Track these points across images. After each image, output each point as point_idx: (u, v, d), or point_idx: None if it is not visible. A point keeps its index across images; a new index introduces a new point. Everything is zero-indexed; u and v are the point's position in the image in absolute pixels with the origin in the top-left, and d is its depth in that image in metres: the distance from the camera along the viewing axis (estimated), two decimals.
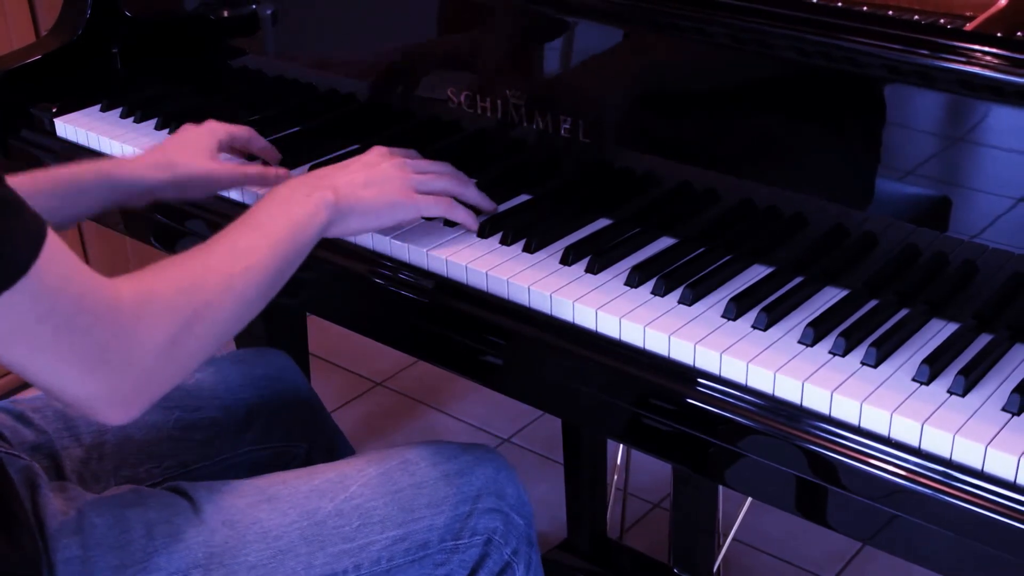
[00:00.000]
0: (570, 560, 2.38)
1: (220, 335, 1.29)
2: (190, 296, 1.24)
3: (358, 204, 1.50)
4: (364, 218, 1.52)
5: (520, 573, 1.56)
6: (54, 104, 2.08)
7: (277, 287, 1.38)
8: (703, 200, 1.57)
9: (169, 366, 1.22)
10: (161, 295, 1.22)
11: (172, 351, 1.21)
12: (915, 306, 1.41)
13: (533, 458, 2.91)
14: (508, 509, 1.54)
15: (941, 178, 1.38)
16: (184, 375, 1.26)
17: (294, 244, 1.40)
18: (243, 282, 1.31)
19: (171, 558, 1.36)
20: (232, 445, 1.70)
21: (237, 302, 1.31)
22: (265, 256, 1.35)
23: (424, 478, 1.51)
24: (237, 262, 1.32)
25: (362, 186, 1.51)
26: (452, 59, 1.74)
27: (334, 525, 1.44)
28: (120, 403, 1.19)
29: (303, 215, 1.42)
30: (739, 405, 1.34)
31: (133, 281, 1.21)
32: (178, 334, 1.21)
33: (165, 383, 1.23)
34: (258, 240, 1.36)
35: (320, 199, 1.45)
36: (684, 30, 1.49)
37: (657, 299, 1.46)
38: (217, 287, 1.28)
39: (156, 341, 1.19)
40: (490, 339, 1.54)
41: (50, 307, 1.09)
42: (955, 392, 1.28)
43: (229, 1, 2.01)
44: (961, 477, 1.21)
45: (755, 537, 2.64)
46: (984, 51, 1.29)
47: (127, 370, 1.17)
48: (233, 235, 1.36)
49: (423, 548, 1.48)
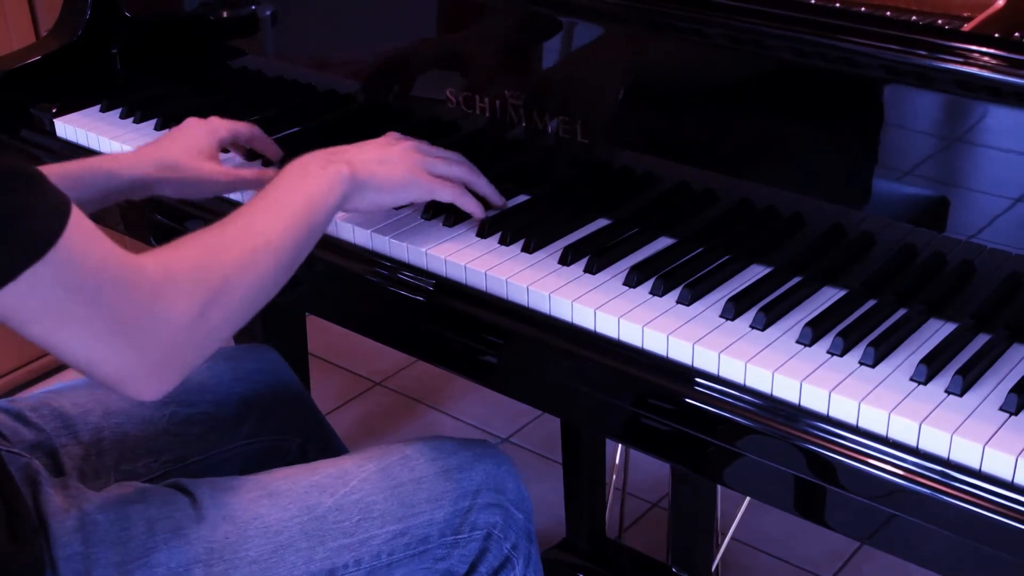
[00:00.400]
0: (569, 559, 2.38)
1: (244, 309, 1.31)
2: (212, 270, 1.26)
3: (372, 179, 1.51)
4: (379, 193, 1.53)
5: (519, 568, 1.56)
6: (54, 104, 2.08)
7: (298, 261, 1.39)
8: (701, 200, 1.57)
9: (195, 339, 1.23)
10: (184, 269, 1.23)
11: (198, 324, 1.23)
12: (913, 306, 1.41)
13: (532, 458, 2.91)
14: (508, 504, 1.54)
15: (939, 178, 1.38)
16: (211, 348, 1.27)
17: (313, 217, 1.41)
18: (264, 257, 1.32)
19: (172, 554, 1.36)
20: (227, 439, 1.71)
21: (259, 276, 1.31)
22: (283, 231, 1.36)
23: (424, 473, 1.51)
24: (257, 237, 1.33)
25: (377, 162, 1.53)
26: (451, 59, 1.74)
27: (334, 520, 1.44)
28: (150, 376, 1.20)
29: (320, 189, 1.43)
30: (737, 405, 1.34)
31: (156, 255, 1.22)
32: (203, 307, 1.23)
33: (193, 356, 1.25)
34: (276, 215, 1.37)
35: (335, 172, 1.46)
36: (682, 30, 1.49)
37: (655, 299, 1.46)
38: (239, 261, 1.29)
39: (181, 314, 1.20)
40: (489, 339, 1.54)
41: (76, 280, 1.10)
42: (953, 392, 1.28)
43: (229, 2, 2.01)
44: (959, 477, 1.21)
45: (754, 536, 2.64)
46: (982, 52, 1.29)
47: (154, 342, 1.19)
48: (252, 211, 1.37)
49: (423, 543, 1.48)
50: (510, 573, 1.56)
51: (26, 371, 3.10)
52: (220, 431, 1.71)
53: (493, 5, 1.67)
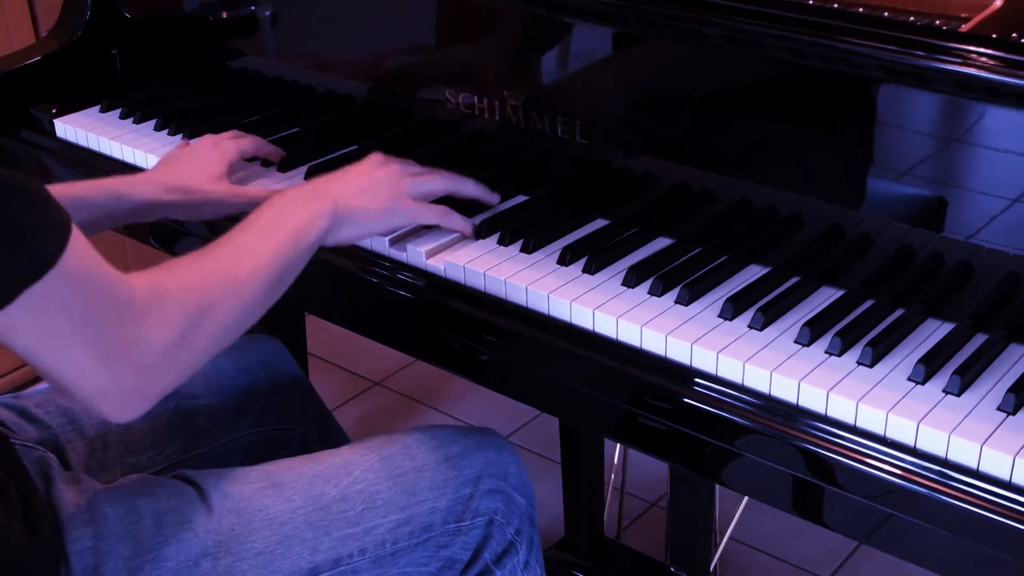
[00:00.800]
0: (568, 559, 2.38)
1: (225, 335, 1.31)
2: (198, 294, 1.26)
3: (355, 212, 1.51)
4: (360, 226, 1.53)
5: (523, 553, 1.58)
6: (54, 105, 2.08)
7: (280, 290, 1.39)
8: (700, 201, 1.57)
9: (174, 363, 1.24)
10: (171, 292, 1.23)
11: (179, 348, 1.23)
12: (911, 306, 1.41)
13: (531, 457, 2.91)
14: (510, 489, 1.56)
15: (937, 179, 1.38)
16: (188, 373, 1.27)
17: (296, 249, 1.41)
18: (249, 283, 1.33)
19: (180, 548, 1.37)
20: (230, 430, 1.72)
21: (243, 302, 1.32)
22: (269, 258, 1.36)
23: (426, 462, 1.53)
24: (243, 263, 1.34)
25: (358, 194, 1.52)
26: (450, 60, 1.74)
27: (339, 510, 1.46)
28: (125, 398, 1.20)
29: (303, 221, 1.43)
30: (736, 405, 1.34)
31: (145, 277, 1.23)
32: (186, 331, 1.23)
33: (169, 379, 1.25)
34: (262, 243, 1.38)
35: (318, 208, 1.46)
36: (681, 32, 1.49)
37: (654, 299, 1.46)
38: (224, 287, 1.30)
39: (164, 337, 1.21)
40: (488, 339, 1.54)
41: (68, 299, 1.11)
42: (951, 391, 1.28)
43: (228, 2, 2.01)
44: (957, 476, 1.21)
45: (752, 536, 2.64)
46: (979, 52, 1.29)
47: (134, 364, 1.19)
48: (238, 238, 1.38)
49: (426, 531, 1.49)
50: (514, 558, 1.57)
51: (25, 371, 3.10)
52: (223, 422, 1.72)
53: (492, 6, 1.67)
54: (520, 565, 1.57)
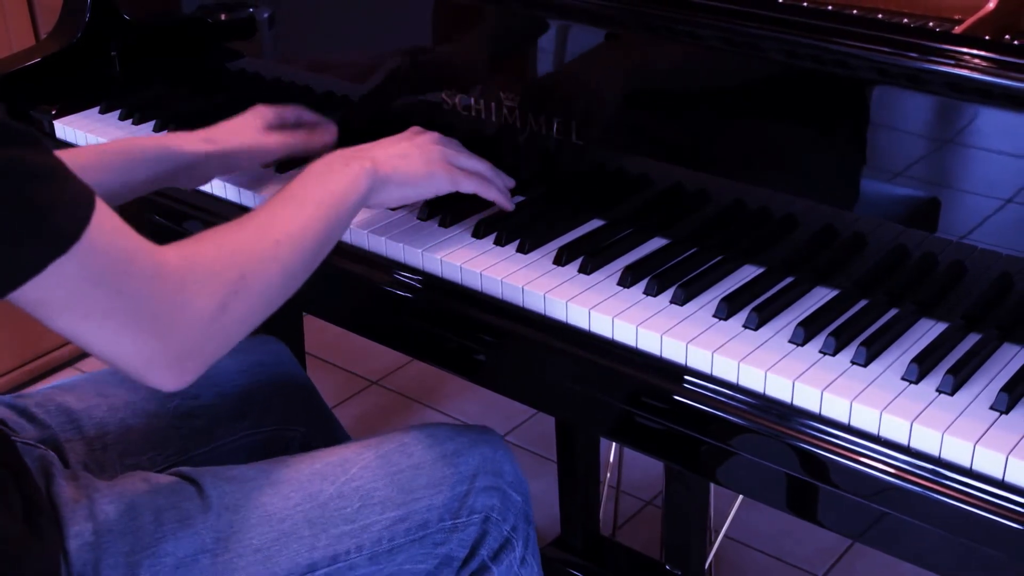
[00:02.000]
0: (563, 557, 2.37)
1: (266, 303, 1.32)
2: (234, 263, 1.27)
3: (395, 173, 1.53)
4: (402, 188, 1.54)
5: (519, 549, 1.58)
6: (53, 106, 2.08)
7: (320, 257, 1.41)
8: (695, 201, 1.57)
9: (217, 331, 1.24)
10: (205, 261, 1.24)
11: (220, 316, 1.24)
12: (904, 306, 1.41)
13: (527, 456, 2.91)
14: (506, 486, 1.56)
15: (930, 179, 1.38)
16: (233, 340, 1.28)
17: (335, 213, 1.42)
18: (287, 250, 1.34)
19: (179, 544, 1.37)
20: (230, 430, 1.72)
21: (280, 270, 1.32)
22: (306, 225, 1.37)
23: (422, 459, 1.53)
24: (279, 231, 1.34)
25: (399, 156, 1.54)
26: (447, 62, 1.74)
27: (336, 507, 1.46)
28: (172, 366, 1.21)
29: (342, 185, 1.45)
30: (730, 404, 1.34)
31: (180, 248, 1.23)
32: (225, 299, 1.24)
33: (215, 348, 1.26)
34: (298, 210, 1.39)
35: (359, 168, 1.48)
36: (675, 33, 1.49)
37: (649, 299, 1.46)
38: (260, 255, 1.30)
39: (204, 306, 1.22)
40: (484, 338, 1.54)
41: (101, 272, 1.12)
42: (944, 391, 1.28)
43: (226, 4, 2.01)
44: (950, 475, 1.21)
45: (746, 534, 2.64)
46: (973, 54, 1.29)
47: (178, 333, 1.20)
48: (274, 206, 1.39)
49: (423, 528, 1.49)
50: (510, 554, 1.57)
51: (25, 370, 3.10)
52: (223, 423, 1.71)
53: (488, 8, 1.67)
54: (516, 561, 1.57)
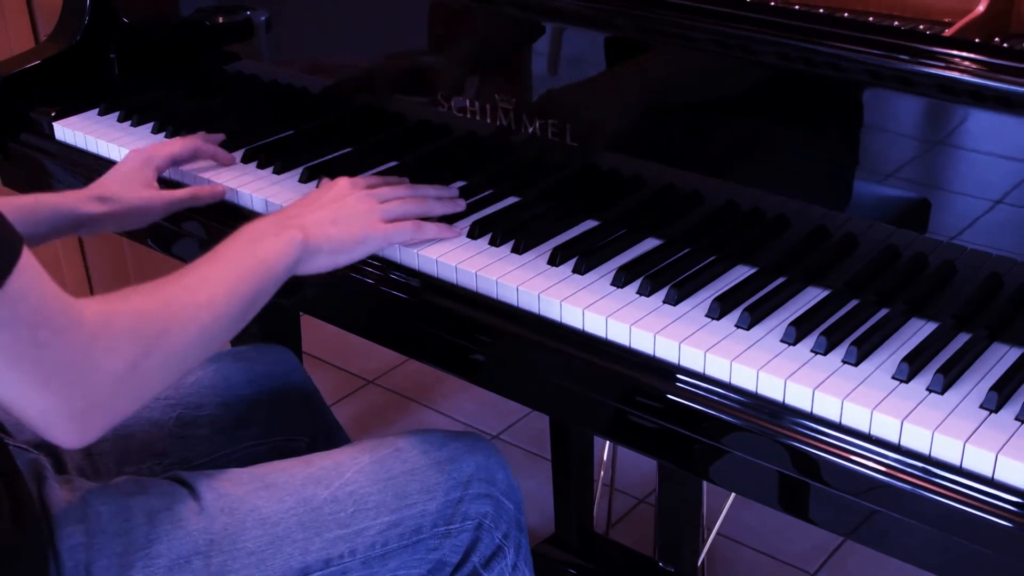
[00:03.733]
0: (558, 554, 2.37)
1: (179, 365, 1.28)
2: (151, 323, 1.23)
3: (327, 242, 1.49)
4: (333, 255, 1.51)
5: (511, 556, 1.57)
6: (53, 108, 2.08)
7: (242, 322, 1.37)
8: (688, 202, 1.57)
9: (126, 391, 1.20)
10: (122, 319, 1.20)
11: (129, 376, 1.19)
12: (895, 305, 1.41)
13: (522, 455, 2.91)
14: (498, 494, 1.55)
15: (920, 180, 1.38)
16: (141, 402, 1.24)
17: (261, 281, 1.39)
18: (207, 314, 1.30)
19: (172, 545, 1.36)
20: (232, 440, 1.71)
21: (198, 332, 1.29)
22: (230, 291, 1.34)
23: (416, 465, 1.52)
24: (202, 294, 1.31)
25: (330, 223, 1.51)
26: (442, 64, 1.74)
27: (330, 511, 1.45)
28: (74, 423, 1.17)
29: (271, 253, 1.42)
30: (723, 402, 1.33)
31: (97, 303, 1.19)
32: (136, 359, 1.20)
33: (123, 406, 1.21)
34: (225, 275, 1.36)
35: (290, 238, 1.45)
36: (668, 36, 1.49)
37: (643, 299, 1.46)
38: (179, 317, 1.27)
39: (114, 364, 1.18)
40: (479, 338, 1.53)
41: (14, 318, 1.08)
42: (934, 390, 1.28)
43: (224, 7, 2.00)
44: (940, 473, 1.21)
45: (739, 531, 2.64)
46: (962, 56, 1.28)
47: (82, 389, 1.15)
48: (201, 269, 1.35)
49: (416, 533, 1.49)
50: (502, 562, 1.56)
51: None
52: (225, 433, 1.71)
53: (483, 11, 1.67)
54: (508, 568, 1.57)
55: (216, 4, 2.03)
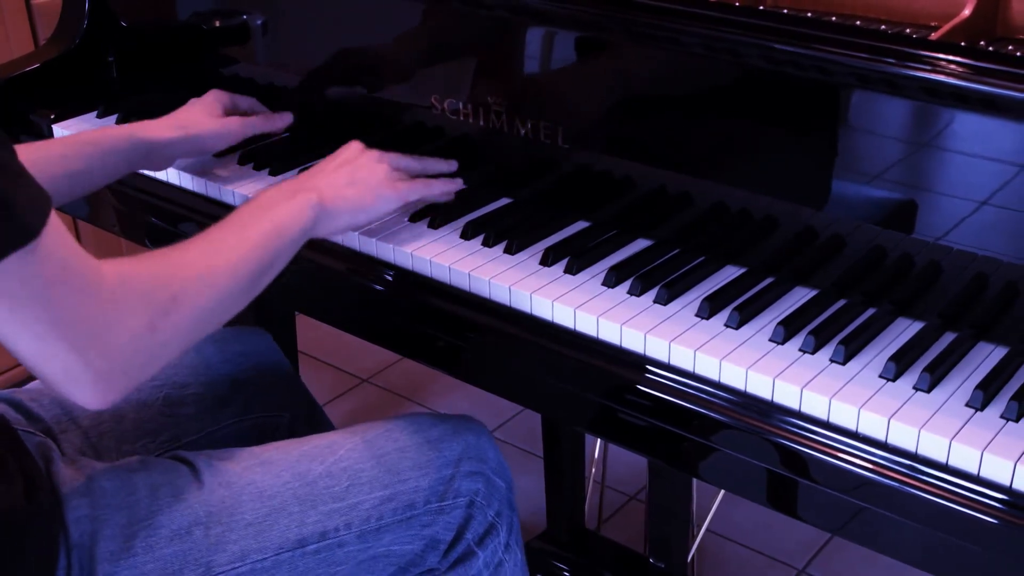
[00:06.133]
0: (550, 550, 2.37)
1: (198, 326, 1.29)
2: (168, 285, 1.24)
3: (343, 203, 1.52)
4: (351, 215, 1.54)
5: (503, 535, 1.59)
6: (52, 111, 2.07)
7: (260, 285, 1.39)
8: (678, 203, 1.56)
9: (144, 350, 1.21)
10: (140, 280, 1.22)
11: (148, 337, 1.21)
12: (882, 305, 1.41)
13: (514, 452, 2.91)
14: (490, 472, 1.57)
15: (907, 182, 1.38)
16: (161, 362, 1.25)
17: (277, 243, 1.41)
18: (223, 278, 1.32)
19: (173, 516, 1.39)
20: (218, 417, 1.73)
21: (215, 296, 1.30)
22: (246, 254, 1.36)
23: (407, 444, 1.54)
24: (218, 257, 1.33)
25: (345, 185, 1.54)
26: (436, 68, 1.74)
27: (325, 485, 1.47)
28: (95, 383, 1.18)
29: (287, 216, 1.44)
30: (712, 401, 1.33)
31: (117, 264, 1.21)
32: (154, 320, 1.21)
33: (140, 368, 1.22)
34: (240, 238, 1.38)
35: (305, 200, 1.47)
36: (658, 39, 1.49)
37: (633, 299, 1.46)
38: (196, 280, 1.28)
39: (132, 324, 1.19)
40: (472, 337, 1.53)
41: (37, 276, 1.09)
42: (920, 388, 1.28)
43: (220, 11, 2.00)
44: (926, 470, 1.21)
45: (728, 528, 2.64)
46: (949, 60, 1.28)
47: (102, 349, 1.16)
48: (217, 232, 1.38)
49: (410, 508, 1.50)
50: (495, 539, 1.58)
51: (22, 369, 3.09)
52: (211, 410, 1.73)
53: (477, 15, 1.67)
54: (501, 546, 1.58)
55: (213, 8, 2.03)
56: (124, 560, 1.35)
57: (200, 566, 1.38)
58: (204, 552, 1.38)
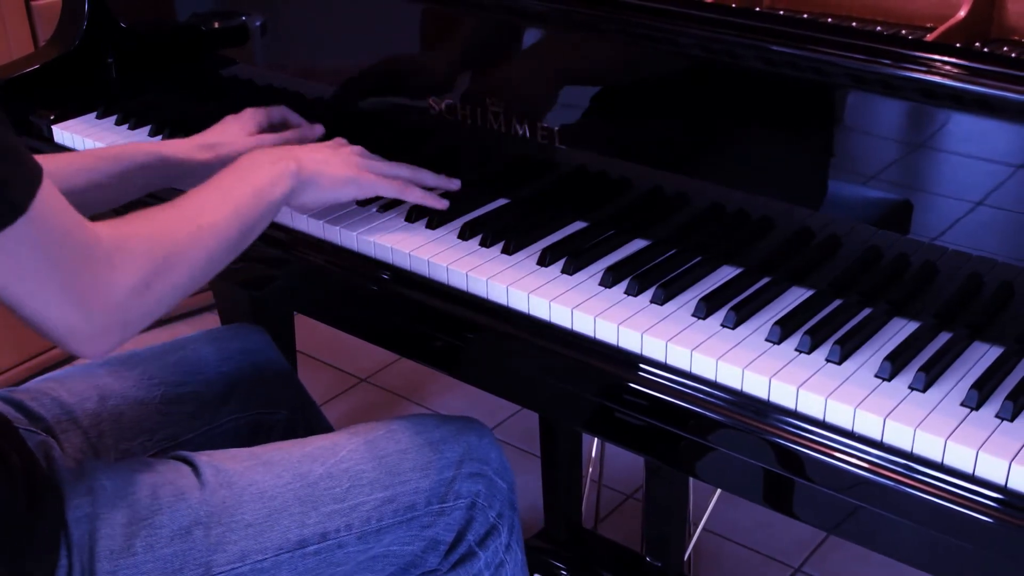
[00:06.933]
0: (547, 548, 2.37)
1: (187, 284, 1.34)
2: (161, 243, 1.30)
3: (319, 177, 1.56)
4: (323, 191, 1.57)
5: (504, 535, 1.59)
6: (52, 111, 2.07)
7: (242, 245, 1.44)
8: (674, 204, 1.56)
9: (139, 306, 1.27)
10: (135, 242, 1.27)
11: (143, 292, 1.26)
12: (878, 305, 1.41)
13: (512, 451, 2.91)
14: (491, 473, 1.56)
15: (903, 183, 1.38)
16: (153, 316, 1.30)
17: (257, 207, 1.45)
18: (209, 237, 1.37)
19: (173, 516, 1.39)
20: (216, 415, 1.74)
21: (203, 254, 1.36)
22: (229, 215, 1.41)
23: (409, 445, 1.54)
24: (204, 217, 1.38)
25: (323, 161, 1.58)
26: (433, 69, 1.74)
27: (326, 487, 1.47)
28: (94, 336, 1.24)
29: (266, 181, 1.48)
30: (709, 400, 1.33)
31: (110, 226, 1.26)
32: (149, 276, 1.27)
33: (135, 322, 1.28)
34: (223, 200, 1.42)
35: (284, 167, 1.51)
36: (656, 41, 1.49)
37: (630, 299, 1.46)
38: (185, 238, 1.34)
39: (129, 281, 1.25)
40: (470, 337, 1.53)
41: (37, 243, 1.15)
42: (916, 388, 1.27)
43: (219, 13, 2.00)
44: (921, 469, 1.21)
45: (724, 527, 2.64)
46: (944, 61, 1.28)
47: (102, 306, 1.22)
48: (201, 194, 1.42)
49: (410, 510, 1.50)
50: (496, 540, 1.58)
51: (24, 367, 3.09)
52: (209, 408, 1.73)
53: (473, 15, 1.67)
54: (502, 547, 1.58)
55: (212, 9, 2.03)
56: (124, 559, 1.35)
57: (200, 566, 1.38)
58: (204, 552, 1.39)
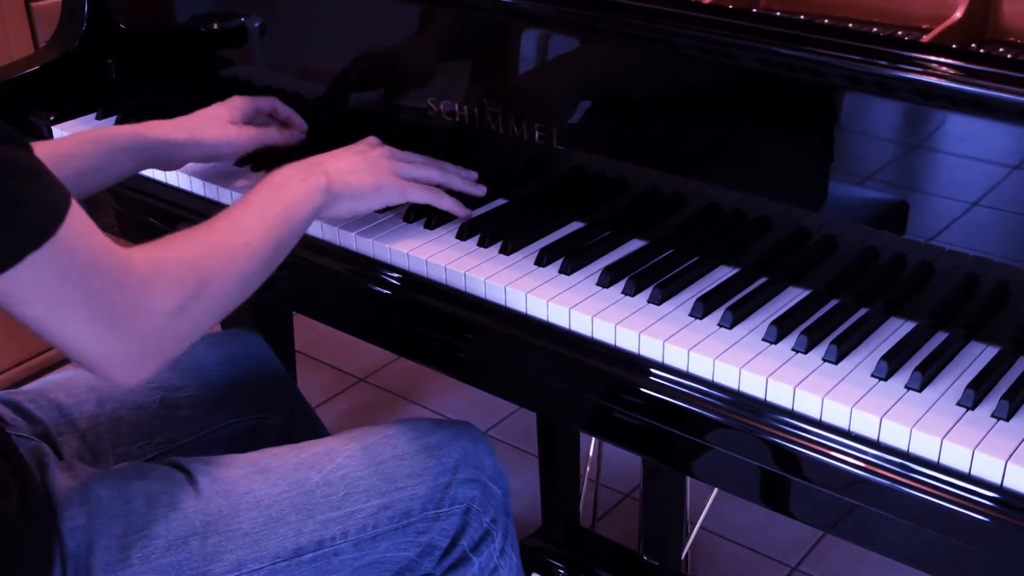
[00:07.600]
0: (545, 547, 2.37)
1: (223, 305, 1.34)
2: (195, 267, 1.28)
3: (347, 189, 1.54)
4: (353, 201, 1.56)
5: (499, 541, 1.58)
6: (52, 112, 2.07)
7: (274, 264, 1.42)
8: (671, 204, 1.56)
9: (175, 331, 1.26)
10: (168, 266, 1.26)
11: (179, 317, 1.25)
12: (874, 305, 1.41)
13: (509, 451, 2.91)
14: (486, 479, 1.56)
15: (899, 183, 1.38)
16: (189, 340, 1.29)
17: (289, 224, 1.44)
18: (244, 258, 1.36)
19: (170, 526, 1.38)
20: (213, 419, 1.73)
21: (238, 275, 1.35)
22: (263, 234, 1.39)
23: (405, 451, 1.53)
24: (238, 238, 1.37)
25: (351, 172, 1.56)
26: (431, 70, 1.74)
27: (322, 494, 1.46)
28: (132, 363, 1.22)
29: (298, 198, 1.47)
30: (706, 400, 1.33)
31: (144, 251, 1.25)
32: (184, 300, 1.25)
33: (172, 346, 1.27)
34: (257, 219, 1.41)
35: (314, 184, 1.50)
36: (652, 41, 1.49)
37: (627, 298, 1.45)
38: (220, 261, 1.33)
39: (164, 306, 1.23)
40: (468, 336, 1.53)
41: (68, 269, 1.13)
42: (912, 387, 1.27)
43: (218, 14, 2.00)
44: (918, 468, 1.21)
45: (721, 526, 2.64)
46: (940, 62, 1.28)
47: (138, 332, 1.21)
48: (234, 214, 1.41)
49: (406, 516, 1.50)
50: (490, 545, 1.57)
51: (24, 368, 3.08)
52: (206, 413, 1.73)
53: (472, 17, 1.66)
54: (496, 552, 1.57)
55: (211, 10, 2.03)
56: (120, 570, 1.34)
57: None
58: (200, 562, 1.38)
